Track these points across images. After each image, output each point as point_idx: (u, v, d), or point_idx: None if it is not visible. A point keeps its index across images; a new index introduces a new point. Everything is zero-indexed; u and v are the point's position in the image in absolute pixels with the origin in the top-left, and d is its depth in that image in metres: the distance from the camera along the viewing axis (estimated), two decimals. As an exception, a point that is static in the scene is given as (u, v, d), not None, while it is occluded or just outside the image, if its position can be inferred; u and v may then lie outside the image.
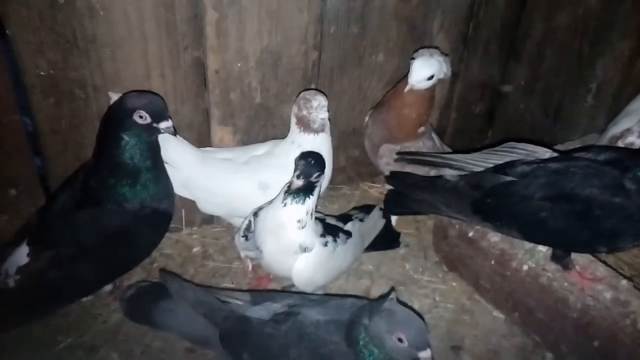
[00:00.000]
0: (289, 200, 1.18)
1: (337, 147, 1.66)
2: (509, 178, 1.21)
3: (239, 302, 1.13)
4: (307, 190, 1.18)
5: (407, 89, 1.46)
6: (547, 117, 1.95)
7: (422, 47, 1.55)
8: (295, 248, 1.22)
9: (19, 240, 1.27)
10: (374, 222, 1.54)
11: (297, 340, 1.04)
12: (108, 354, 1.33)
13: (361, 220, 1.48)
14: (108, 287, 1.43)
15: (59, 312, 1.39)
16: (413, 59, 1.49)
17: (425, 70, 1.45)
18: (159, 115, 1.18)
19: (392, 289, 1.17)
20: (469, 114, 1.92)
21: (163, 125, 1.19)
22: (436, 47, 1.57)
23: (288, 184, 1.20)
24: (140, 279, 1.50)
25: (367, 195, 1.87)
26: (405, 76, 1.52)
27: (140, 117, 1.17)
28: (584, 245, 1.20)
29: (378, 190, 1.87)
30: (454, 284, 1.56)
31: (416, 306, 1.49)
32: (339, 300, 1.12)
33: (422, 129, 1.57)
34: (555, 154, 1.24)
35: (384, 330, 0.95)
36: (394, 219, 1.70)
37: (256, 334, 1.08)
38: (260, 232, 1.25)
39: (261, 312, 1.11)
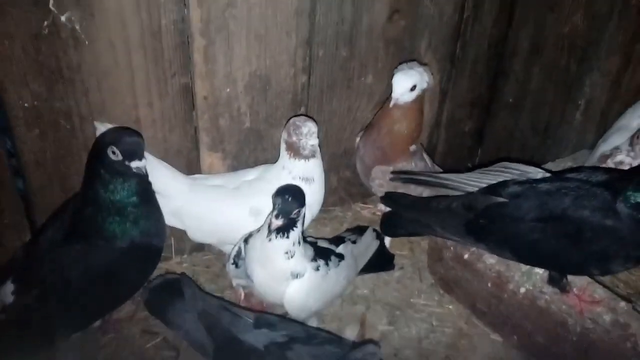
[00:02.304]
0: (272, 236, 1.16)
1: (329, 169, 1.64)
2: (501, 199, 1.20)
3: (242, 320, 1.14)
4: (289, 226, 1.16)
5: (392, 103, 1.46)
6: (536, 135, 1.95)
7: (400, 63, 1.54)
8: (286, 275, 1.20)
9: (4, 277, 1.23)
10: (367, 244, 1.52)
11: None
12: (97, 395, 1.28)
13: (354, 242, 1.46)
14: (97, 322, 1.38)
15: (46, 350, 1.34)
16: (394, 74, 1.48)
17: (406, 82, 1.45)
18: (131, 153, 1.15)
19: (375, 343, 1.16)
20: (458, 133, 1.92)
21: (134, 164, 1.16)
22: (413, 60, 1.57)
23: (269, 224, 1.16)
24: (129, 311, 1.46)
25: (359, 217, 1.85)
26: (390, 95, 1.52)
27: (113, 152, 1.15)
28: (577, 267, 1.19)
29: (371, 211, 1.86)
30: (450, 307, 1.54)
31: (413, 332, 1.47)
32: (334, 345, 1.11)
33: (413, 147, 1.56)
34: (547, 174, 1.23)
35: None
36: (387, 240, 1.68)
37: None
38: (250, 261, 1.22)
39: (258, 337, 1.11)
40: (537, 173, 1.26)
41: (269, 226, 1.16)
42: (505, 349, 1.42)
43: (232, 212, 1.37)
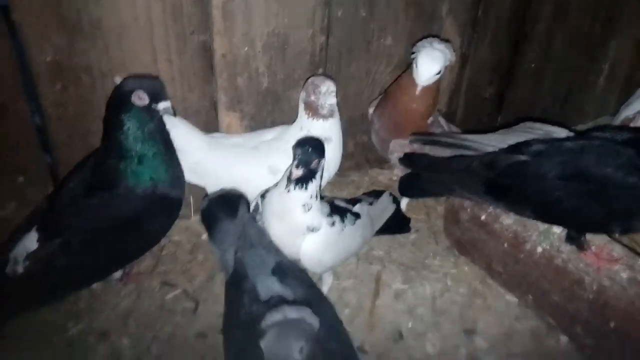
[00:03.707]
0: (291, 187, 1.17)
1: (345, 133, 1.63)
2: (523, 157, 1.19)
3: (262, 260, 1.13)
4: (307, 179, 1.16)
5: (418, 90, 1.43)
6: (557, 101, 1.92)
7: (420, 40, 1.51)
8: (303, 229, 1.21)
9: (28, 226, 1.27)
10: (384, 207, 1.53)
11: (251, 335, 1.00)
12: (119, 340, 1.32)
13: (370, 203, 1.46)
14: (118, 274, 1.42)
15: (69, 298, 1.39)
16: (414, 53, 1.46)
17: (433, 68, 1.42)
18: (157, 95, 1.17)
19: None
20: (478, 98, 1.90)
21: (161, 105, 1.17)
22: (435, 36, 1.54)
23: (289, 171, 1.17)
24: (150, 265, 1.50)
25: (376, 182, 1.85)
26: (409, 66, 1.49)
27: (139, 97, 1.16)
28: (598, 225, 1.18)
29: (387, 177, 1.86)
30: (465, 268, 1.54)
31: (427, 291, 1.48)
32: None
33: (430, 119, 1.54)
34: (571, 134, 1.22)
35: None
36: (403, 204, 1.69)
37: (236, 299, 1.08)
38: (267, 215, 1.23)
39: (266, 283, 1.08)
40: (562, 132, 1.24)
41: (289, 177, 1.16)
42: (520, 308, 1.43)
43: (250, 170, 1.39)
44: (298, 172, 1.13)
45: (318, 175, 1.18)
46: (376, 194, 1.57)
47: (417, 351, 1.34)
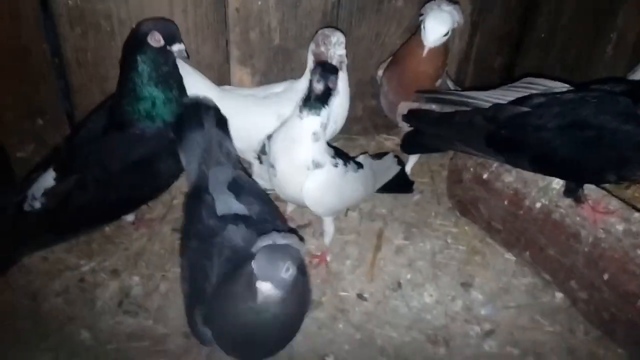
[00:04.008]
0: (305, 112, 1.21)
1: (354, 96, 1.66)
2: (524, 109, 1.21)
3: (222, 176, 1.16)
4: (322, 99, 1.20)
5: (425, 52, 1.44)
6: (566, 71, 1.93)
7: (428, 1, 1.50)
8: (308, 163, 1.24)
9: (46, 165, 1.32)
10: (388, 165, 1.56)
11: (205, 245, 1.06)
12: (129, 277, 1.38)
13: (374, 158, 1.50)
14: (130, 218, 1.48)
15: (82, 239, 1.45)
16: (421, 14, 1.47)
17: (440, 29, 1.42)
18: (172, 37, 1.21)
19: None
20: (487, 68, 1.91)
21: (176, 47, 1.21)
22: None
23: (304, 96, 1.22)
24: (161, 212, 1.55)
25: (383, 147, 1.88)
26: (417, 30, 1.51)
27: (154, 39, 1.20)
28: (593, 174, 1.20)
29: (394, 142, 1.88)
30: (466, 227, 1.58)
31: (427, 247, 1.52)
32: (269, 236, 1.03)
33: (439, 81, 1.57)
34: (572, 88, 1.24)
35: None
36: (408, 167, 1.72)
37: (195, 212, 1.13)
38: (274, 150, 1.27)
39: (222, 199, 1.12)
40: (562, 87, 1.27)
41: (305, 97, 1.21)
42: (517, 266, 1.46)
43: (260, 118, 1.42)
44: (319, 86, 1.17)
45: (330, 102, 1.22)
46: (381, 155, 1.61)
47: (414, 300, 1.38)
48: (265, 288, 0.87)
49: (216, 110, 1.27)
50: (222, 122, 1.27)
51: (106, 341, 1.24)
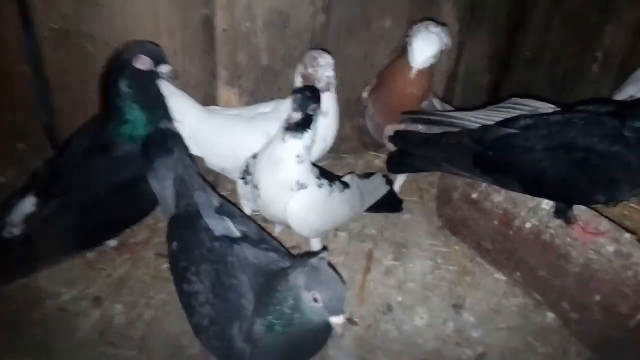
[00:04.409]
0: (287, 135, 1.20)
1: (342, 115, 1.65)
2: (511, 130, 1.21)
3: (209, 201, 1.18)
4: (304, 124, 1.19)
5: (413, 73, 1.44)
6: (553, 89, 1.95)
7: (415, 23, 1.51)
8: (292, 184, 1.23)
9: (25, 191, 1.29)
10: (376, 184, 1.55)
11: (220, 265, 1.08)
12: (112, 305, 1.34)
13: (361, 178, 1.49)
14: (113, 242, 1.45)
15: (63, 266, 1.41)
16: (408, 36, 1.47)
17: (428, 50, 1.43)
18: (159, 58, 1.21)
19: (324, 248, 1.18)
20: (475, 86, 1.93)
21: (163, 69, 1.21)
22: (429, 19, 1.55)
23: (286, 120, 1.21)
24: (145, 237, 1.52)
25: (371, 165, 1.87)
26: (403, 52, 1.51)
27: (142, 62, 1.19)
28: (583, 195, 1.21)
29: (382, 160, 1.88)
30: (456, 247, 1.57)
31: (418, 268, 1.51)
32: (279, 255, 1.12)
33: (425, 102, 1.56)
34: (558, 109, 1.24)
35: (303, 285, 0.95)
36: (397, 186, 1.71)
37: (193, 237, 1.13)
38: (258, 170, 1.26)
39: (215, 222, 1.14)
40: (548, 108, 1.27)
41: (285, 126, 1.20)
42: (507, 286, 1.45)
43: (248, 138, 1.41)
44: (296, 115, 1.16)
45: (313, 126, 1.21)
46: (369, 174, 1.60)
47: (405, 323, 1.36)
48: (339, 322, 0.94)
49: (181, 137, 1.28)
50: (188, 151, 1.28)
51: (87, 374, 1.20)
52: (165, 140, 1.24)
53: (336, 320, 0.94)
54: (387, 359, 1.28)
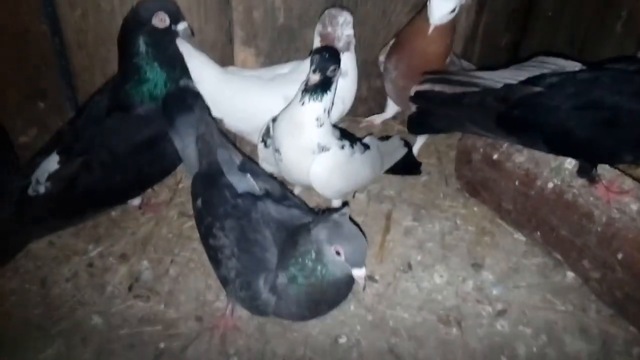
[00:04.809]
0: (306, 98, 1.18)
1: (359, 76, 1.63)
2: (537, 89, 1.19)
3: (231, 159, 1.19)
4: (324, 86, 1.17)
5: (431, 30, 1.40)
6: (573, 50, 1.90)
7: None
8: (314, 147, 1.22)
9: (49, 149, 1.30)
10: (394, 147, 1.54)
11: (244, 221, 1.10)
12: (138, 262, 1.37)
13: (381, 140, 1.48)
14: (136, 202, 1.46)
15: (88, 223, 1.44)
16: None
17: (446, 6, 1.38)
18: (177, 16, 1.19)
19: (346, 204, 1.20)
20: (494, 47, 1.88)
21: (181, 26, 1.19)
22: None
23: (305, 82, 1.19)
24: (167, 196, 1.53)
25: (388, 128, 1.85)
26: (422, 9, 1.47)
27: (160, 19, 1.17)
28: (610, 154, 1.19)
29: (399, 122, 1.86)
30: (475, 208, 1.57)
31: (437, 228, 1.51)
32: (302, 211, 1.14)
33: (448, 59, 1.53)
34: (584, 67, 1.22)
35: (325, 239, 0.97)
36: (415, 148, 1.70)
37: (217, 194, 1.15)
38: (279, 134, 1.25)
39: (237, 179, 1.16)
40: (575, 66, 1.24)
41: (304, 88, 1.18)
42: (527, 246, 1.45)
43: (266, 100, 1.40)
44: (315, 77, 1.14)
45: (333, 88, 1.19)
46: (387, 137, 1.59)
47: (425, 281, 1.38)
48: (361, 275, 0.96)
49: (202, 97, 1.27)
50: (209, 110, 1.27)
51: (118, 326, 1.23)
52: (185, 98, 1.24)
53: (358, 272, 0.96)
54: (408, 315, 1.30)
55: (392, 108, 1.73)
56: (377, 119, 1.78)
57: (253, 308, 1.09)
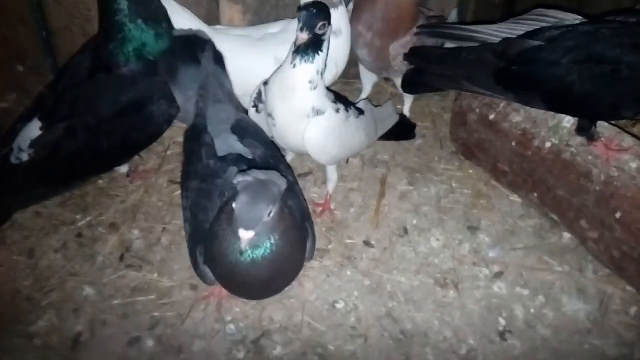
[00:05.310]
0: (297, 60, 1.12)
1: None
2: (536, 43, 1.15)
3: (225, 116, 1.14)
4: (315, 45, 1.10)
5: None
6: (570, 3, 1.85)
7: None
8: (307, 110, 1.17)
9: (30, 114, 1.24)
10: (388, 113, 1.50)
11: (205, 184, 1.06)
12: (129, 231, 1.33)
13: (374, 105, 1.44)
14: (124, 169, 1.42)
15: (75, 192, 1.39)
16: None
17: None
18: None
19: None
20: (488, 5, 1.83)
21: None
22: None
23: (294, 42, 1.12)
24: (156, 163, 1.49)
25: (381, 91, 1.82)
26: None
27: None
28: (610, 109, 1.16)
29: (392, 85, 1.82)
30: (470, 171, 1.55)
31: (432, 192, 1.49)
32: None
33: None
34: (584, 20, 1.18)
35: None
36: (405, 108, 1.67)
37: (194, 151, 1.10)
38: (271, 98, 1.20)
39: (222, 139, 1.11)
40: (575, 20, 1.20)
41: (294, 48, 1.11)
42: (523, 207, 1.44)
43: (256, 61, 1.34)
44: (303, 36, 1.07)
45: (324, 47, 1.13)
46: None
47: (421, 245, 1.36)
48: (246, 236, 0.87)
49: (212, 45, 1.18)
50: (219, 59, 1.19)
51: (110, 296, 1.21)
52: (189, 46, 1.17)
53: (242, 234, 0.88)
54: (405, 279, 1.29)
55: (368, 84, 1.67)
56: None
57: (199, 276, 1.07)
